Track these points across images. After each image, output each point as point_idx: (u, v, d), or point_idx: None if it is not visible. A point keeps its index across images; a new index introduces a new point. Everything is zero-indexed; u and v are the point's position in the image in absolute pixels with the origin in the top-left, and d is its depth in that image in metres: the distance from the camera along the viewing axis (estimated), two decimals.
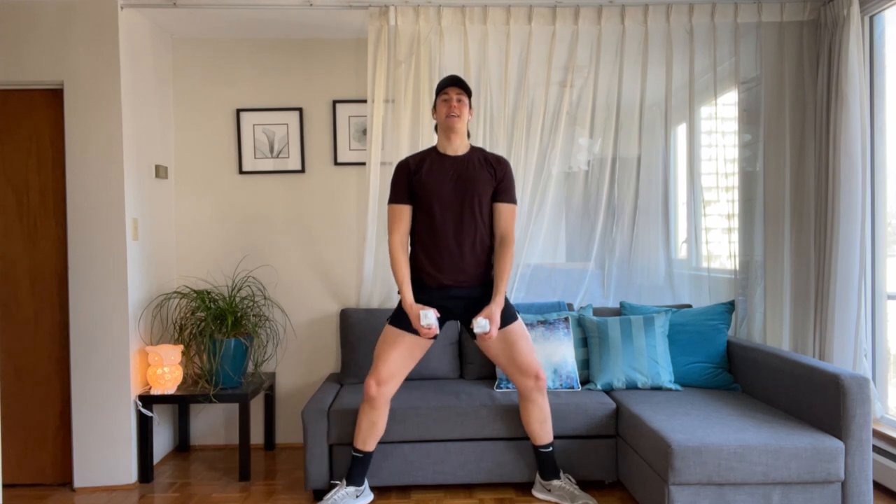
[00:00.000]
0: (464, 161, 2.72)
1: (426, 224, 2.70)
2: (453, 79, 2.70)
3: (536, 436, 2.78)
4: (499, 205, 2.73)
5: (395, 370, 2.68)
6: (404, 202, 2.73)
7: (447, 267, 2.69)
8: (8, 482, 3.15)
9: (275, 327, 3.71)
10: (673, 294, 3.58)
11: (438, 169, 2.70)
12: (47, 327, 3.13)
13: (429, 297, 2.73)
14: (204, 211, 3.71)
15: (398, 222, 2.73)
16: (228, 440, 3.73)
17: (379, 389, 2.66)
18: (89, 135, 3.08)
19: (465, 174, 2.69)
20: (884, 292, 3.16)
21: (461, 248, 2.68)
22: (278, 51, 3.70)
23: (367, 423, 2.70)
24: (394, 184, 2.75)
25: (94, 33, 3.07)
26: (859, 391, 2.43)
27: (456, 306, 2.75)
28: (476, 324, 2.60)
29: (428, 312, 2.60)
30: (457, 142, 2.73)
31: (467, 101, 2.71)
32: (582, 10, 3.37)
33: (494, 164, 2.73)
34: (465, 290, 2.73)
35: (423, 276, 2.72)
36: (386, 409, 2.72)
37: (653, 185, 3.58)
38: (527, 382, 2.72)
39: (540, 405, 2.75)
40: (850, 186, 3.07)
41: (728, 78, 3.51)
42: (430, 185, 2.67)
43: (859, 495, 2.44)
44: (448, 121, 2.67)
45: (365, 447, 2.73)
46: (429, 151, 2.77)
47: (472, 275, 2.72)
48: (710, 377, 3.14)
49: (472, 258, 2.70)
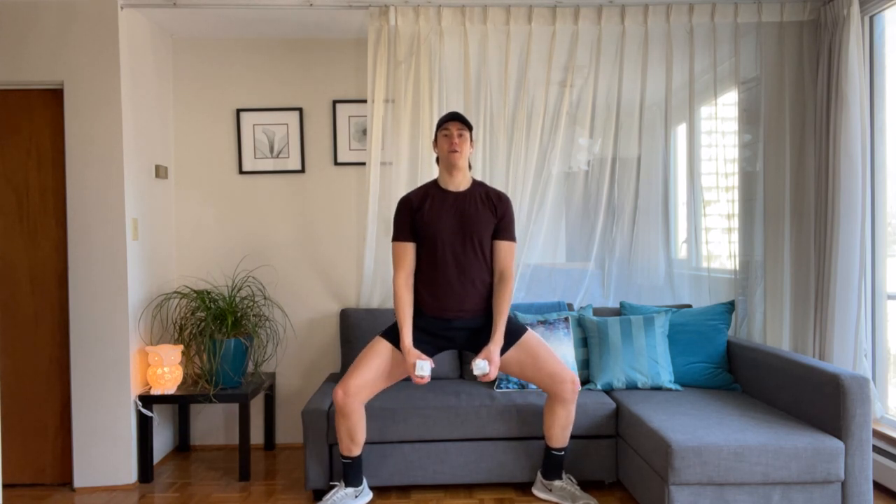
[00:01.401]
0: (465, 197, 2.73)
1: (428, 259, 2.71)
2: (454, 115, 2.71)
3: (555, 439, 2.77)
4: (499, 242, 2.74)
5: (365, 384, 2.64)
6: (408, 240, 2.73)
7: (449, 303, 2.70)
8: (8, 482, 3.15)
9: (275, 327, 3.71)
10: (673, 294, 3.58)
11: (440, 205, 2.71)
12: (47, 327, 3.13)
13: (428, 324, 2.73)
14: (204, 211, 3.71)
15: (402, 260, 2.73)
16: (228, 440, 3.73)
17: (345, 399, 2.62)
18: (89, 135, 3.08)
19: (467, 211, 2.70)
20: (884, 292, 3.16)
21: (463, 283, 2.69)
22: (278, 51, 3.70)
23: (344, 431, 2.68)
24: (396, 221, 2.75)
25: (94, 33, 3.07)
26: (859, 391, 2.43)
27: (457, 336, 2.76)
28: (475, 366, 2.60)
29: (424, 364, 2.59)
30: (458, 177, 2.73)
31: (468, 136, 2.72)
32: (582, 10, 3.37)
33: (496, 202, 2.74)
34: (467, 322, 2.74)
35: (424, 307, 2.74)
36: (360, 415, 2.67)
37: (653, 185, 3.58)
38: (564, 387, 2.68)
39: (569, 410, 2.74)
40: (850, 186, 3.07)
41: (728, 78, 3.51)
42: (433, 223, 2.68)
43: (859, 495, 2.44)
44: (449, 157, 2.68)
45: (351, 453, 2.71)
46: (430, 186, 2.77)
47: (474, 310, 2.73)
48: (710, 377, 3.14)
49: (474, 294, 2.71)
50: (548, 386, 2.71)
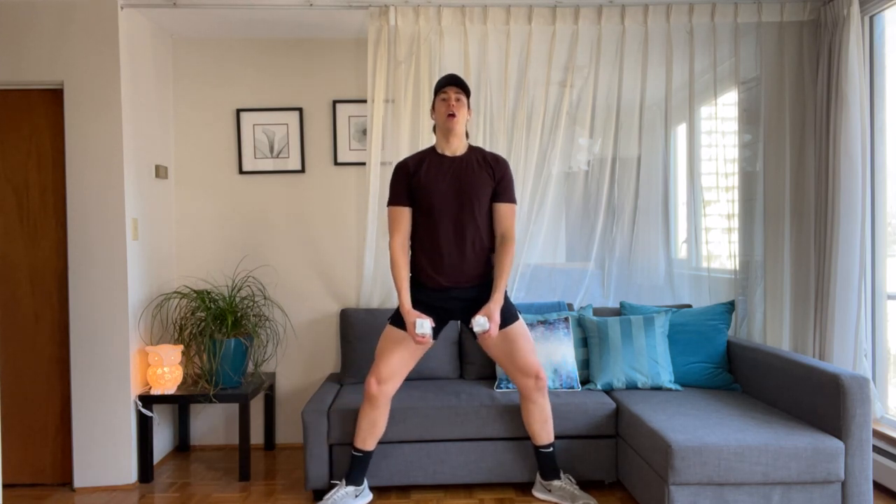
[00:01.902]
0: (462, 161, 2.71)
1: (425, 225, 2.69)
2: (452, 78, 2.68)
3: (537, 436, 2.78)
4: (498, 205, 2.72)
5: (395, 369, 2.69)
6: (404, 204, 2.71)
7: (446, 268, 2.68)
8: (8, 482, 3.15)
9: (275, 327, 3.71)
10: (673, 294, 3.58)
11: (437, 170, 2.69)
12: (47, 327, 3.13)
13: (427, 297, 2.72)
14: (204, 211, 3.71)
15: (398, 224, 2.71)
16: (228, 440, 3.73)
17: (380, 388, 2.67)
18: (89, 135, 3.08)
19: (464, 175, 2.68)
20: (884, 292, 3.16)
21: (461, 249, 2.67)
22: (278, 51, 3.70)
23: (368, 422, 2.70)
24: (392, 186, 2.73)
25: (94, 33, 3.07)
26: (859, 391, 2.43)
27: (455, 307, 2.74)
28: (475, 322, 2.59)
29: (424, 322, 2.58)
30: (455, 142, 2.71)
31: (466, 101, 2.70)
32: (582, 10, 3.37)
33: (493, 164, 2.72)
34: (465, 291, 2.72)
35: (422, 276, 2.72)
36: (387, 408, 2.72)
37: (653, 185, 3.58)
38: (527, 382, 2.72)
39: (541, 405, 2.75)
40: (850, 186, 3.07)
41: (728, 78, 3.51)
42: (429, 187, 2.66)
43: (859, 495, 2.44)
44: (447, 121, 2.65)
45: (365, 446, 2.73)
46: (427, 152, 2.75)
47: (472, 276, 2.71)
48: (710, 377, 3.14)
49: (472, 259, 2.69)
50: (514, 377, 2.74)
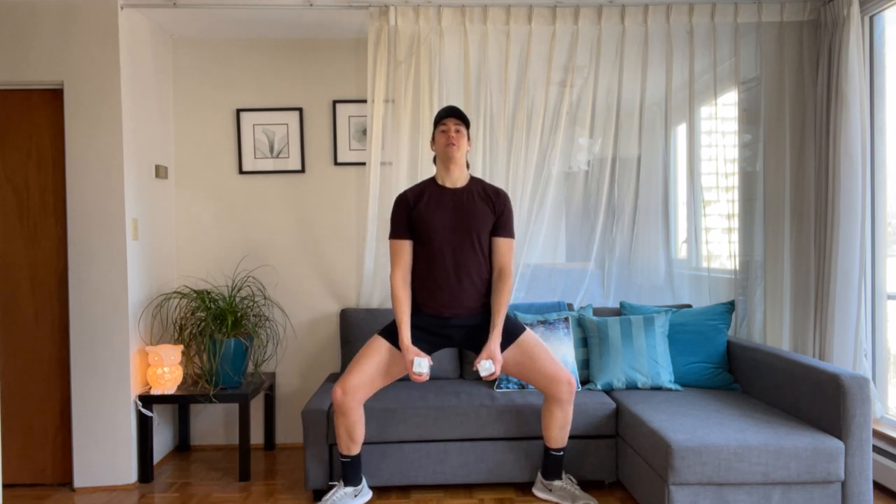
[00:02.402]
0: (463, 193, 2.71)
1: (426, 257, 2.70)
2: (451, 110, 2.69)
3: (554, 440, 2.77)
4: (498, 239, 2.72)
5: (364, 382, 2.64)
6: (404, 237, 2.71)
7: (446, 300, 2.68)
8: (8, 482, 3.15)
9: (275, 327, 3.71)
10: (673, 294, 3.58)
11: (437, 202, 2.69)
12: (47, 327, 3.13)
13: (427, 323, 2.72)
14: (204, 211, 3.71)
15: (399, 258, 2.71)
16: (228, 440, 3.73)
17: (344, 397, 2.62)
18: (89, 135, 3.08)
19: (465, 207, 2.68)
20: (884, 292, 3.16)
21: (460, 281, 2.68)
22: (278, 51, 3.70)
23: (344, 430, 2.68)
24: (393, 218, 2.73)
25: (94, 33, 3.07)
26: (859, 391, 2.43)
27: (455, 335, 2.75)
28: (481, 367, 2.59)
29: (422, 361, 2.59)
30: (456, 173, 2.72)
31: (465, 132, 2.70)
32: (582, 10, 3.37)
33: (494, 198, 2.72)
34: (465, 320, 2.73)
35: (421, 305, 2.73)
36: (359, 413, 2.67)
37: (653, 185, 3.58)
38: (560, 388, 2.69)
39: (566, 411, 2.74)
40: (850, 186, 3.07)
41: (728, 78, 3.51)
42: (430, 219, 2.66)
43: (859, 495, 2.44)
44: (447, 150, 2.66)
45: (350, 452, 2.71)
46: (427, 183, 2.75)
47: (472, 307, 2.72)
48: (710, 377, 3.14)
49: (472, 290, 2.70)
50: (544, 386, 2.71)
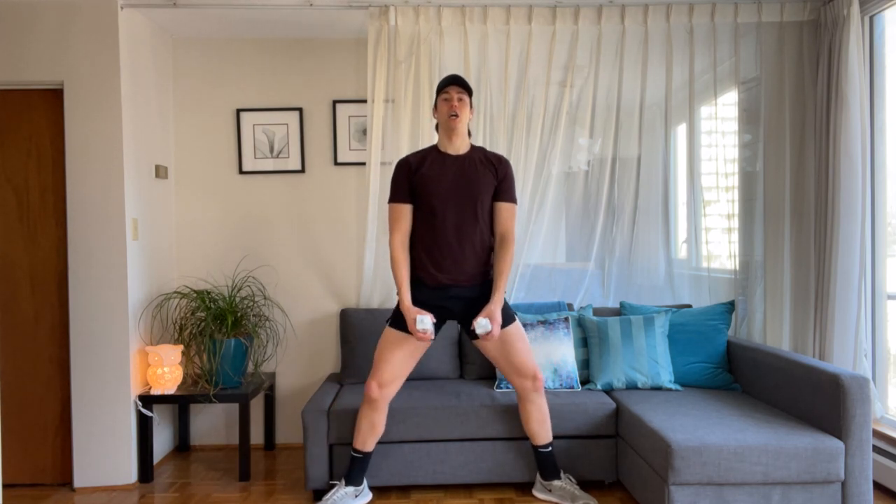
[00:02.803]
0: (465, 160, 2.71)
1: (427, 222, 2.69)
2: (454, 78, 2.69)
3: (535, 436, 2.78)
4: (499, 204, 2.72)
5: (396, 372, 2.69)
6: (405, 201, 2.72)
7: (447, 266, 2.68)
8: (8, 482, 3.15)
9: (275, 327, 3.71)
10: (673, 294, 3.58)
11: (439, 167, 2.69)
12: (47, 327, 3.13)
13: (427, 296, 2.72)
14: (204, 211, 3.71)
15: (399, 221, 2.72)
16: (228, 440, 3.73)
17: (381, 392, 2.67)
18: (89, 135, 3.08)
19: (466, 173, 2.68)
20: (884, 292, 3.16)
21: (462, 246, 2.67)
22: (278, 51, 3.70)
23: (368, 423, 2.71)
24: (394, 182, 2.73)
25: (94, 33, 3.07)
26: (859, 391, 2.43)
27: (455, 306, 2.74)
28: (477, 324, 2.59)
29: (424, 318, 2.58)
30: (457, 141, 2.72)
31: (468, 101, 2.71)
32: (582, 10, 3.37)
33: (495, 164, 2.73)
34: (465, 290, 2.72)
35: (422, 274, 2.72)
36: (386, 409, 2.73)
37: (653, 185, 3.58)
38: (524, 383, 2.73)
39: (538, 405, 2.75)
40: (850, 186, 3.07)
41: (728, 78, 3.51)
42: (431, 184, 2.67)
43: (859, 495, 2.44)
44: (449, 120, 2.66)
45: (364, 447, 2.73)
46: (429, 150, 2.76)
47: (472, 274, 2.71)
48: (710, 377, 3.14)
49: (473, 257, 2.69)
50: (511, 378, 2.75)
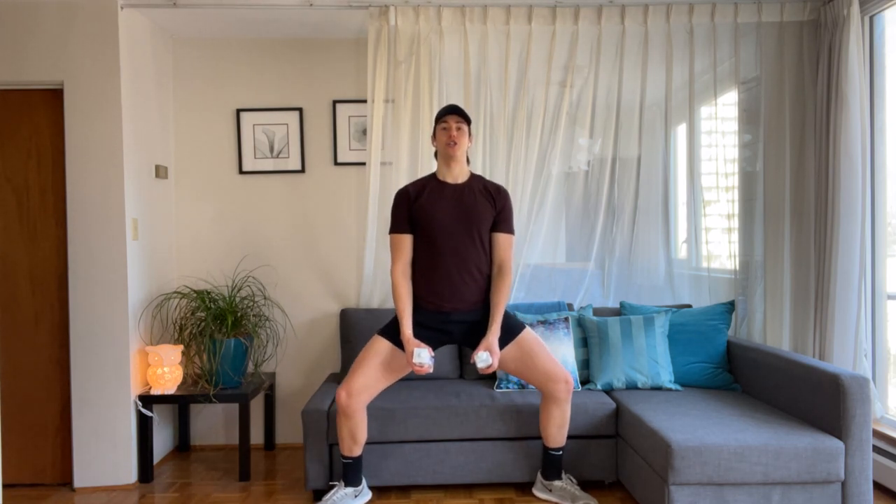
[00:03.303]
0: (464, 189, 2.72)
1: (426, 251, 2.70)
2: (452, 108, 2.71)
3: (552, 439, 2.78)
4: (497, 235, 2.73)
5: (368, 384, 2.65)
6: (405, 231, 2.72)
7: (447, 294, 2.69)
8: (8, 482, 3.15)
9: (275, 327, 3.71)
10: (673, 294, 3.58)
11: (438, 196, 2.70)
12: (47, 327, 3.13)
13: (427, 319, 2.72)
14: (204, 211, 3.71)
15: (399, 252, 2.72)
16: (228, 440, 3.73)
17: (349, 400, 2.63)
18: (89, 135, 3.08)
19: (465, 202, 2.69)
20: (884, 292, 3.16)
21: (461, 275, 2.68)
22: (278, 51, 3.70)
23: (346, 431, 2.68)
24: (394, 213, 2.74)
25: (94, 33, 3.07)
26: (859, 391, 2.43)
27: (455, 330, 2.75)
28: (478, 358, 2.59)
29: (422, 352, 2.58)
30: (456, 169, 2.73)
31: (466, 130, 2.71)
32: (582, 10, 3.37)
33: (494, 194, 2.74)
34: (465, 315, 2.73)
35: (421, 300, 2.73)
36: (362, 415, 2.68)
37: (653, 185, 3.58)
38: (557, 387, 2.71)
39: (563, 409, 2.75)
40: (850, 186, 3.07)
41: (728, 78, 3.51)
42: (430, 213, 2.67)
43: (859, 495, 2.44)
44: (447, 150, 2.68)
45: (352, 453, 2.72)
46: (428, 179, 2.77)
47: (472, 302, 2.72)
48: (710, 377, 3.14)
49: (473, 285, 2.70)
50: (542, 385, 2.72)
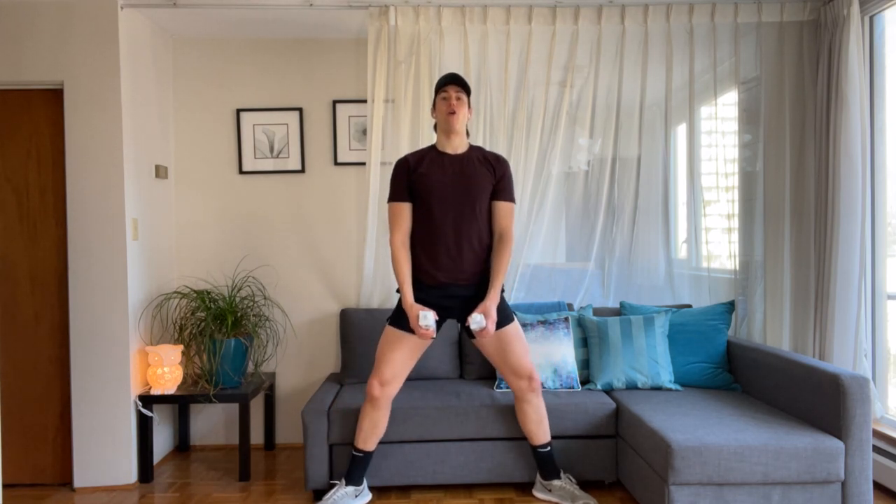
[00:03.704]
0: (463, 159, 2.72)
1: (425, 222, 2.70)
2: (452, 77, 2.69)
3: (533, 436, 2.78)
4: (498, 203, 2.73)
5: (397, 370, 2.69)
6: (404, 200, 2.72)
7: (445, 265, 2.68)
8: (8, 482, 3.15)
9: (275, 327, 3.71)
10: (673, 294, 3.58)
11: (438, 166, 2.69)
12: (47, 327, 3.13)
13: (426, 295, 2.72)
14: (204, 211, 3.71)
15: (399, 221, 2.72)
16: (228, 440, 3.73)
17: (382, 390, 2.68)
18: (89, 135, 3.08)
19: (465, 172, 2.69)
20: (884, 292, 3.16)
21: (460, 245, 2.68)
22: (278, 51, 3.70)
23: (370, 423, 2.71)
24: (393, 182, 2.74)
25: (94, 33, 3.07)
26: (859, 391, 2.43)
27: (454, 305, 2.74)
28: (472, 320, 2.58)
29: (427, 314, 2.58)
30: (456, 140, 2.73)
31: (466, 100, 2.71)
32: (582, 10, 3.37)
33: (493, 163, 2.73)
34: (464, 289, 2.72)
35: (420, 274, 2.72)
36: (388, 408, 2.74)
37: (653, 185, 3.58)
38: (520, 384, 2.74)
39: (535, 405, 2.76)
40: (850, 186, 3.07)
41: (728, 78, 3.51)
42: (430, 183, 2.67)
43: (859, 495, 2.44)
44: (448, 119, 2.67)
45: (366, 447, 2.73)
46: (428, 149, 2.76)
47: (471, 273, 2.71)
48: (710, 377, 3.14)
49: (471, 256, 2.69)
50: (508, 379, 2.76)
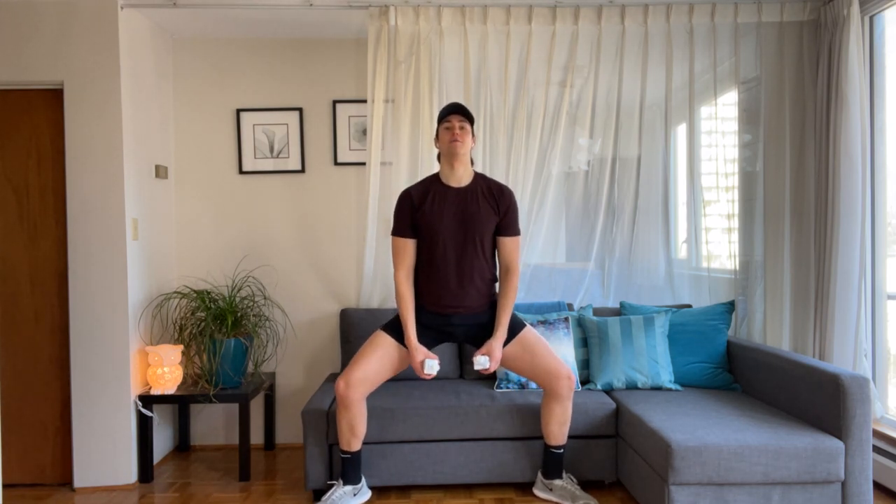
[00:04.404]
0: (467, 193, 2.70)
1: (428, 257, 2.70)
2: (455, 106, 2.69)
3: (553, 436, 2.78)
4: (503, 239, 2.72)
5: (368, 376, 2.66)
6: (407, 236, 2.72)
7: (448, 299, 2.70)
8: (8, 482, 3.15)
9: (275, 327, 3.71)
10: (673, 294, 3.58)
11: (441, 202, 2.68)
12: (47, 327, 3.13)
13: (429, 320, 2.74)
14: (204, 211, 3.71)
15: (402, 256, 2.72)
16: (228, 440, 3.73)
17: (347, 390, 2.63)
18: (89, 135, 3.08)
19: (469, 210, 2.68)
20: (884, 292, 3.16)
21: (462, 283, 2.68)
22: (278, 51, 3.70)
23: (346, 424, 2.69)
24: (396, 216, 2.74)
25: (94, 33, 3.07)
26: (859, 391, 2.43)
27: (457, 332, 2.76)
28: (476, 361, 2.62)
29: (433, 363, 2.61)
30: (460, 170, 2.71)
31: (470, 129, 2.69)
32: (582, 10, 3.37)
33: (497, 197, 2.71)
34: (468, 318, 2.74)
35: (423, 302, 2.74)
36: (361, 408, 2.68)
37: (653, 185, 3.58)
38: (560, 383, 2.70)
39: (565, 407, 2.75)
40: (850, 186, 3.07)
41: (728, 78, 3.51)
42: (433, 220, 2.66)
43: (859, 495, 2.44)
44: (451, 146, 2.65)
45: (350, 448, 2.72)
46: (432, 182, 2.75)
47: (474, 307, 2.73)
48: (710, 377, 3.14)
49: (474, 292, 2.70)
50: (544, 382, 2.72)
